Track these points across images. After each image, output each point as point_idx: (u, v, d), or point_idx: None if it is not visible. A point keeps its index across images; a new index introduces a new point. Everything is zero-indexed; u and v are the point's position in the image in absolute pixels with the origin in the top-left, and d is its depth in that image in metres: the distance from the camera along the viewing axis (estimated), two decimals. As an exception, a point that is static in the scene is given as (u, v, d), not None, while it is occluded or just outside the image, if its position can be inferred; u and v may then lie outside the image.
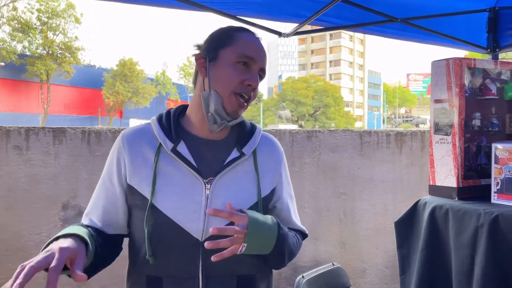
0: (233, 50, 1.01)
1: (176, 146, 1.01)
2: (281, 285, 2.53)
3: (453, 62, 1.48)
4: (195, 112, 1.05)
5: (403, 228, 1.59)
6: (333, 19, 2.52)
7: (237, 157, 1.03)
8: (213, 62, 1.02)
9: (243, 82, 1.00)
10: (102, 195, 1.03)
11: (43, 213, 2.03)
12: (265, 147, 1.10)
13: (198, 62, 1.05)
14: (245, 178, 1.03)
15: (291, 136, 2.56)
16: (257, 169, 1.05)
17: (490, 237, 1.27)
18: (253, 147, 1.07)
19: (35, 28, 28.57)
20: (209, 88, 1.01)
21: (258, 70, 1.04)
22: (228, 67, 1.00)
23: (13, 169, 1.99)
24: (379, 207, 2.79)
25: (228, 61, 1.01)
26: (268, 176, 1.07)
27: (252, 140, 1.07)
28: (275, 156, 1.12)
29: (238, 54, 1.00)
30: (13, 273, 0.74)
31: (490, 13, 2.67)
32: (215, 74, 1.01)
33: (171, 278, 0.98)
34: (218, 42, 1.03)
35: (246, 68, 1.02)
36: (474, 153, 1.56)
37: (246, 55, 1.01)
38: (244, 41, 1.03)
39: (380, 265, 2.81)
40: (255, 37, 1.06)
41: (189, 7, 2.19)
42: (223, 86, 1.00)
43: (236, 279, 1.00)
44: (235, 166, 1.02)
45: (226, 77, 1.00)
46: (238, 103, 1.01)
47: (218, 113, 1.00)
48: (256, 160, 1.05)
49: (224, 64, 1.01)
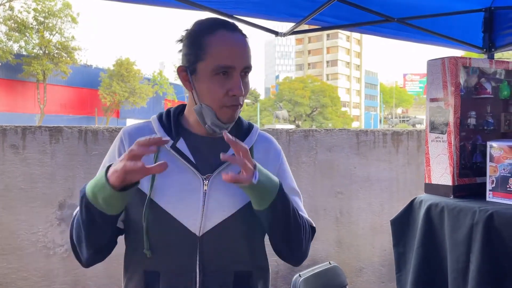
0: (208, 63, 0.97)
1: (175, 143, 1.02)
2: (278, 284, 2.54)
3: (448, 61, 1.49)
4: (192, 112, 1.06)
5: (399, 226, 1.60)
6: (329, 19, 2.52)
7: (234, 153, 1.03)
8: (195, 75, 1.00)
9: (227, 93, 0.98)
10: None
11: (39, 212, 2.03)
12: (262, 145, 1.11)
13: (180, 76, 1.03)
14: None
15: (288, 135, 2.57)
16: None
17: (485, 234, 1.28)
18: (250, 144, 1.07)
19: (31, 28, 28.46)
20: (199, 101, 1.01)
21: (241, 72, 0.99)
22: (209, 81, 0.98)
23: (10, 168, 1.99)
24: (376, 206, 2.80)
25: (206, 75, 0.98)
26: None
27: (249, 138, 1.08)
28: (272, 153, 1.12)
29: (213, 67, 0.97)
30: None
31: (486, 13, 2.68)
32: (200, 88, 1.00)
33: (168, 273, 0.98)
34: (193, 54, 1.00)
35: (227, 76, 0.98)
36: (470, 152, 1.57)
37: (221, 65, 0.96)
38: (218, 49, 0.97)
39: (377, 264, 2.82)
40: (228, 35, 0.99)
41: (186, 6, 2.19)
42: (211, 100, 0.99)
43: (233, 275, 1.00)
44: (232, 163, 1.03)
45: (210, 91, 0.98)
46: (231, 112, 1.00)
47: (215, 124, 1.00)
48: (253, 157, 1.06)
49: (204, 77, 0.99)
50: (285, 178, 1.11)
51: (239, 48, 0.99)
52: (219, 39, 0.98)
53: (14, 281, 1.99)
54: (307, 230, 1.07)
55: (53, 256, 2.06)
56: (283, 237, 1.02)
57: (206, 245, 0.97)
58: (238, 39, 1.00)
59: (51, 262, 2.05)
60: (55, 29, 29.26)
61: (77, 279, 2.09)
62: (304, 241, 1.05)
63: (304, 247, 1.06)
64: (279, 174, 1.10)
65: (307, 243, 1.07)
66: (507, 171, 1.38)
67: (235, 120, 1.04)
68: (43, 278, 2.04)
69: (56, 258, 2.06)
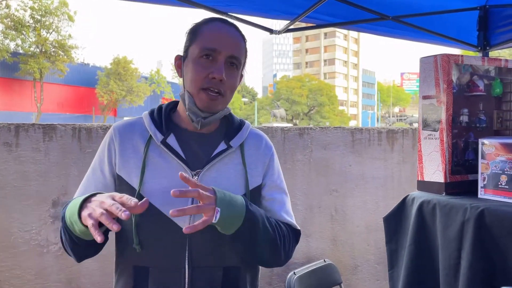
0: (196, 46, 1.00)
1: (166, 138, 1.03)
2: (273, 281, 2.54)
3: (440, 59, 1.49)
4: (183, 108, 1.07)
5: (392, 223, 1.61)
6: (324, 17, 2.53)
7: (224, 149, 1.04)
8: (186, 61, 1.03)
9: (207, 76, 0.99)
10: (92, 184, 1.04)
11: (33, 210, 2.02)
12: (253, 141, 1.11)
13: (175, 64, 1.06)
14: (233, 170, 1.04)
15: (283, 133, 2.57)
16: (245, 162, 1.06)
17: (476, 231, 1.28)
18: (241, 141, 1.08)
19: (28, 26, 28.35)
20: (184, 88, 1.03)
21: (225, 59, 1.00)
22: (194, 64, 1.00)
23: (3, 166, 1.98)
24: (371, 204, 2.81)
25: (193, 58, 1.00)
26: (256, 169, 1.07)
27: (240, 134, 1.08)
28: (262, 150, 1.12)
29: (200, 48, 0.99)
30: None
31: (480, 12, 2.69)
32: (186, 73, 1.02)
33: (157, 268, 0.99)
34: (187, 40, 1.03)
35: (211, 61, 0.99)
36: (462, 149, 1.58)
37: (207, 47, 0.98)
38: (207, 33, 1.00)
39: (372, 262, 2.82)
40: (221, 25, 1.02)
41: (182, 4, 2.19)
42: (191, 83, 1.01)
43: (222, 270, 1.01)
44: (222, 158, 1.03)
45: (192, 74, 1.00)
46: (208, 98, 1.00)
47: (192, 111, 1.01)
48: (243, 154, 1.06)
49: (191, 61, 1.01)
50: (271, 175, 1.11)
51: (228, 36, 1.01)
52: (211, 27, 1.02)
53: (7, 279, 1.98)
54: (287, 238, 1.06)
55: (46, 254, 2.05)
56: (256, 255, 1.02)
57: (195, 241, 0.98)
58: (229, 30, 1.02)
59: (45, 260, 2.05)
60: (52, 28, 29.16)
61: (71, 276, 2.09)
62: (282, 251, 1.04)
63: (283, 255, 1.05)
64: (267, 171, 1.11)
65: (287, 251, 1.06)
66: (499, 168, 1.39)
67: (214, 111, 1.03)
68: (37, 276, 2.04)
69: (49, 256, 2.06)
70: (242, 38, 1.05)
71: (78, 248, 0.97)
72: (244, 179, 1.04)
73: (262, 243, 0.99)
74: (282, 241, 1.04)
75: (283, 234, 1.05)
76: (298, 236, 1.13)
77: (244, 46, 1.05)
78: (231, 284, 1.02)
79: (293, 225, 1.11)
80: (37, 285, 2.03)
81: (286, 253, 1.06)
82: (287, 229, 1.08)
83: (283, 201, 1.12)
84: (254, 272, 1.10)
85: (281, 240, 1.04)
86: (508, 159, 1.35)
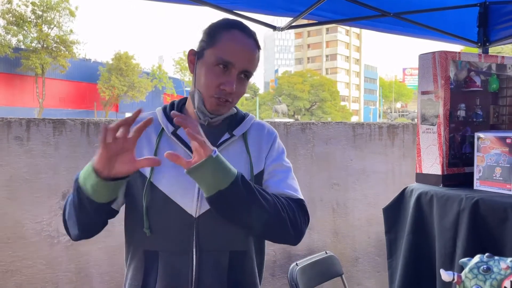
0: (214, 52, 1.04)
1: (176, 130, 1.09)
2: (276, 272, 2.60)
3: (438, 55, 1.55)
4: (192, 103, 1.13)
5: (391, 214, 1.67)
6: (326, 13, 2.57)
7: (227, 138, 1.10)
8: (200, 60, 1.07)
9: (219, 86, 1.03)
10: None
11: (43, 202, 2.08)
12: (256, 130, 1.16)
13: (189, 58, 1.10)
14: (237, 158, 1.09)
15: (285, 128, 2.62)
16: (248, 149, 1.10)
17: (470, 220, 1.34)
18: (243, 130, 1.12)
19: (29, 22, 28.32)
20: (194, 86, 1.08)
21: (239, 73, 1.04)
22: (209, 69, 1.04)
23: (14, 159, 2.04)
24: (372, 198, 2.86)
25: (209, 63, 1.04)
26: (259, 156, 1.12)
27: (243, 124, 1.14)
28: (265, 136, 1.15)
29: (217, 57, 1.03)
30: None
31: (480, 8, 2.73)
32: (199, 73, 1.06)
33: (166, 252, 1.04)
34: (206, 40, 1.07)
35: (226, 71, 1.04)
36: (459, 143, 1.63)
37: (224, 59, 1.02)
38: (226, 43, 1.03)
39: (372, 254, 2.88)
40: (241, 36, 1.05)
41: (185, 1, 2.24)
42: (204, 87, 1.05)
43: (229, 254, 1.06)
44: (226, 147, 1.09)
45: (206, 79, 1.04)
46: (217, 103, 1.05)
47: (201, 111, 1.07)
48: (247, 142, 1.12)
49: (206, 65, 1.05)
50: (272, 155, 1.13)
51: (245, 50, 1.05)
52: (232, 36, 1.05)
53: (19, 268, 2.05)
54: (290, 209, 1.04)
55: (57, 245, 2.12)
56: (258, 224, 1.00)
57: (202, 226, 1.03)
58: (248, 43, 1.06)
59: (55, 251, 2.11)
60: (53, 23, 29.12)
61: (80, 267, 2.15)
62: (288, 222, 1.02)
63: (291, 229, 1.03)
64: (269, 154, 1.13)
65: (294, 223, 1.03)
66: (493, 160, 1.44)
67: (221, 114, 1.08)
68: (47, 266, 2.10)
69: (60, 247, 2.12)
70: (258, 48, 1.08)
71: (85, 216, 0.99)
72: (248, 166, 1.09)
73: (260, 209, 0.97)
74: (286, 211, 1.02)
75: (284, 205, 1.03)
76: (304, 206, 1.09)
77: (258, 57, 1.09)
78: (237, 267, 1.07)
79: (293, 195, 1.08)
80: (47, 275, 2.10)
81: (295, 226, 1.03)
82: (288, 201, 1.06)
83: (284, 176, 1.11)
84: (260, 256, 1.15)
85: (284, 210, 1.02)
86: (502, 152, 1.41)
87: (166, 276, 1.04)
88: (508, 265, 0.65)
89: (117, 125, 0.87)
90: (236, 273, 1.07)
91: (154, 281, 1.04)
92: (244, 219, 0.99)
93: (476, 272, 0.68)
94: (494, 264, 0.68)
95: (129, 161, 0.92)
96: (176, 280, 1.04)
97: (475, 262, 0.70)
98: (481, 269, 0.68)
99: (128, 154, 0.91)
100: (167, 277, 1.04)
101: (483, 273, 0.67)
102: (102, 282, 2.18)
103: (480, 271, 0.68)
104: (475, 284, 0.66)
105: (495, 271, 0.66)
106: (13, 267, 2.04)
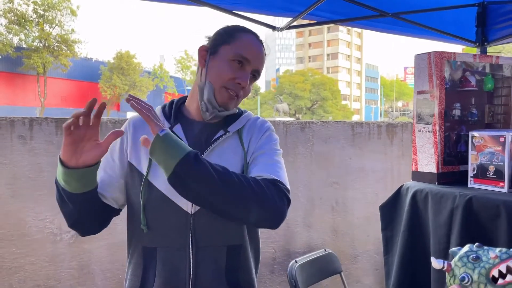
0: (231, 48, 1.11)
1: (172, 127, 1.13)
2: (275, 270, 2.63)
3: (434, 56, 1.57)
4: (193, 101, 1.17)
5: (387, 211, 1.69)
6: (325, 14, 2.60)
7: (222, 134, 1.13)
8: (213, 56, 1.13)
9: (234, 79, 1.10)
10: (101, 167, 1.12)
11: (46, 200, 2.11)
12: (250, 125, 1.19)
13: (200, 54, 1.15)
14: (232, 153, 1.12)
15: (285, 127, 2.65)
16: (243, 144, 1.14)
17: (464, 217, 1.37)
18: (238, 127, 1.16)
19: (31, 21, 28.38)
20: (205, 78, 1.12)
21: (252, 71, 1.13)
22: (224, 63, 1.11)
23: (18, 157, 2.07)
24: (370, 196, 2.88)
25: (225, 57, 1.11)
26: (251, 148, 1.15)
27: (238, 121, 1.17)
28: (257, 128, 1.18)
29: (235, 52, 1.10)
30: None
31: (479, 8, 2.75)
32: (212, 66, 1.12)
33: (164, 248, 1.08)
34: (221, 38, 1.14)
35: (241, 67, 1.11)
36: (454, 141, 1.66)
37: (242, 55, 1.10)
38: (244, 42, 1.12)
39: (371, 252, 2.91)
40: (256, 40, 1.14)
41: (185, 1, 2.26)
42: (216, 78, 1.11)
43: (226, 249, 1.09)
44: (221, 143, 1.12)
45: (221, 70, 1.10)
46: (228, 96, 1.11)
47: (210, 102, 1.11)
48: (241, 137, 1.15)
49: (221, 59, 1.11)
50: (258, 143, 1.13)
51: (260, 52, 1.14)
52: (248, 38, 1.14)
53: (22, 265, 2.09)
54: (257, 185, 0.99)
55: (59, 242, 2.15)
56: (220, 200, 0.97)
57: (198, 222, 1.06)
58: (261, 48, 1.15)
59: (58, 248, 2.15)
60: (55, 22, 29.16)
61: (82, 263, 2.19)
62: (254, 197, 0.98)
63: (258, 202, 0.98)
64: (258, 142, 1.14)
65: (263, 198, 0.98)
66: (487, 159, 1.47)
67: (228, 108, 1.13)
68: (50, 262, 2.14)
69: (62, 244, 2.15)
70: (265, 57, 1.18)
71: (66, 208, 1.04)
72: (242, 160, 1.12)
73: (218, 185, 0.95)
74: (252, 188, 0.98)
75: (251, 182, 0.99)
76: (278, 185, 1.03)
77: (264, 62, 1.18)
78: (235, 261, 1.10)
79: (268, 176, 1.04)
80: (50, 272, 2.13)
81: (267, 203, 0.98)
82: (258, 180, 1.01)
83: (264, 160, 1.09)
84: (256, 250, 1.18)
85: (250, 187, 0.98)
86: (496, 150, 1.44)
87: (164, 272, 1.07)
88: (496, 254, 0.67)
89: (77, 114, 0.93)
90: (233, 267, 1.10)
91: (153, 277, 1.08)
92: (202, 197, 0.96)
93: (466, 261, 0.70)
94: (483, 253, 0.70)
95: (95, 147, 0.97)
96: (174, 275, 1.07)
97: (465, 251, 0.72)
98: (470, 257, 0.70)
99: (92, 141, 0.98)
100: (165, 273, 1.07)
101: (472, 262, 0.69)
102: (104, 279, 2.22)
103: (469, 260, 0.70)
104: (464, 272, 0.69)
105: (484, 260, 0.68)
106: (16, 263, 2.07)
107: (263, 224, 1.04)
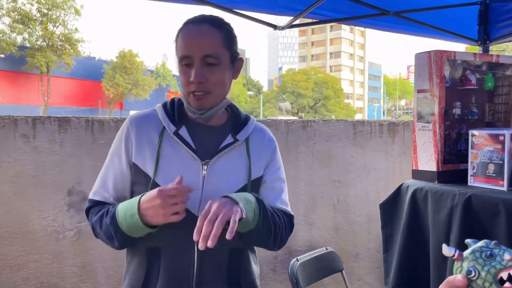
0: (176, 55, 1.09)
1: (178, 129, 1.11)
2: (277, 268, 2.64)
3: (434, 55, 1.57)
4: None
5: (387, 209, 1.70)
6: (327, 12, 2.60)
7: (231, 142, 1.13)
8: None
9: (189, 83, 1.07)
10: (111, 174, 1.13)
11: (49, 198, 2.13)
12: (257, 135, 1.19)
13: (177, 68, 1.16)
14: (238, 162, 1.13)
15: (286, 126, 2.65)
16: (249, 155, 1.14)
17: (463, 215, 1.38)
18: (246, 135, 1.16)
19: (35, 20, 28.46)
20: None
21: (201, 61, 1.04)
22: (179, 71, 1.10)
23: (21, 156, 2.09)
24: (372, 195, 2.89)
25: (178, 66, 1.10)
26: (259, 162, 1.16)
27: (246, 128, 1.17)
28: (266, 143, 1.19)
29: (179, 58, 1.07)
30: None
31: (481, 6, 2.74)
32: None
33: (168, 249, 1.08)
34: (175, 45, 1.11)
35: (189, 66, 1.06)
36: (455, 140, 1.66)
37: (182, 55, 1.06)
38: (180, 41, 1.07)
39: (373, 250, 2.91)
40: (192, 28, 1.06)
41: (187, 1, 2.27)
42: (182, 88, 1.11)
43: (229, 251, 1.10)
44: (229, 150, 1.12)
45: (180, 80, 1.10)
46: (197, 99, 1.08)
47: (189, 110, 1.12)
48: (248, 147, 1.15)
49: (177, 68, 1.11)
50: (273, 166, 1.19)
51: (197, 38, 1.05)
52: (183, 33, 1.08)
53: (26, 263, 2.10)
54: (286, 226, 1.16)
55: (62, 240, 2.17)
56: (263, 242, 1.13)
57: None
58: (199, 30, 1.06)
59: (61, 245, 2.16)
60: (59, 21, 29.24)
61: (85, 261, 2.20)
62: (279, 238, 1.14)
63: (279, 242, 1.15)
64: (269, 163, 1.19)
65: (284, 239, 1.16)
66: (487, 157, 1.47)
67: (207, 108, 1.10)
68: (53, 260, 2.15)
69: (65, 242, 2.17)
70: (218, 28, 1.07)
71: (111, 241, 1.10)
72: (247, 171, 1.13)
73: (271, 232, 1.09)
74: (283, 230, 1.14)
75: (283, 224, 1.15)
76: (292, 222, 1.21)
77: (220, 36, 1.07)
78: (236, 264, 1.12)
79: (286, 210, 1.20)
80: (53, 269, 2.15)
81: (283, 239, 1.16)
82: (283, 217, 1.16)
83: (280, 190, 1.20)
84: (255, 254, 1.21)
85: (283, 229, 1.14)
86: (495, 149, 1.44)
87: (168, 272, 1.07)
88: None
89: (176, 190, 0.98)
90: (235, 269, 1.12)
91: (156, 277, 1.08)
92: (268, 242, 1.12)
93: (478, 256, 0.68)
94: (499, 252, 0.68)
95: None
96: (178, 276, 1.07)
97: (480, 245, 0.69)
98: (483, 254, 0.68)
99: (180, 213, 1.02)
100: (169, 273, 1.07)
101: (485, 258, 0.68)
102: (106, 277, 2.23)
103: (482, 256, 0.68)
104: (473, 266, 0.67)
105: (497, 260, 0.67)
106: (20, 261, 2.09)
107: (270, 250, 1.18)
